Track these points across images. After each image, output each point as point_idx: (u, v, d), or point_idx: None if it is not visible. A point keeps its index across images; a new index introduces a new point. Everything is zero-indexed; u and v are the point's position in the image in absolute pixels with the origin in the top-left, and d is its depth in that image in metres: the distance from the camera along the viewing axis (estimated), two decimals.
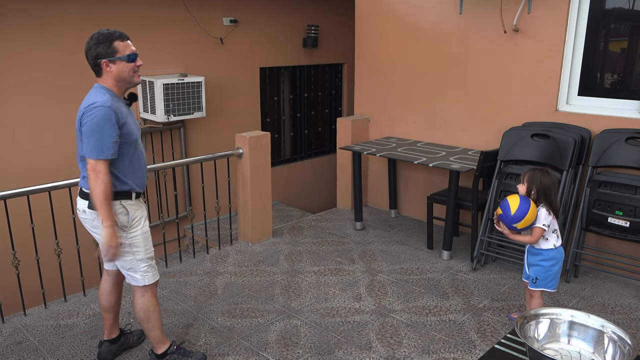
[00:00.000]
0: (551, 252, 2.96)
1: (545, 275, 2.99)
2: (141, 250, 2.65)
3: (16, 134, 4.95)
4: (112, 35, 2.50)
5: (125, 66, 2.53)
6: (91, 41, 2.49)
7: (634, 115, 3.84)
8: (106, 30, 2.51)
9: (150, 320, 2.77)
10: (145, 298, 2.73)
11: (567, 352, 1.89)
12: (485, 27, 4.42)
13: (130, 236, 2.61)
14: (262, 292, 3.79)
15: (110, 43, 2.48)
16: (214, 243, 4.94)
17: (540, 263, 2.99)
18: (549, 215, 2.88)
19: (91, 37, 2.50)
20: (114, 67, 2.50)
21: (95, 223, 2.58)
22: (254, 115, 6.86)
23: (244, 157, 4.51)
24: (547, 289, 3.03)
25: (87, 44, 2.50)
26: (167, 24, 5.75)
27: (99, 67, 2.51)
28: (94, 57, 2.49)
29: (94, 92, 2.50)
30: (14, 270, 3.41)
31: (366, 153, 4.64)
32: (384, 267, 4.18)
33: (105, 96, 2.46)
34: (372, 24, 5.27)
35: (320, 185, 7.93)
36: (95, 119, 2.40)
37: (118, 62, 2.50)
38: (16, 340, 3.19)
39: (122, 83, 2.57)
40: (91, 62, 2.51)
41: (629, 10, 3.94)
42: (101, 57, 2.48)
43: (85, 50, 2.51)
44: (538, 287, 3.03)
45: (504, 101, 4.44)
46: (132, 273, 2.69)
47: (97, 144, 2.41)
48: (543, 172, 2.92)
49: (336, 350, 3.07)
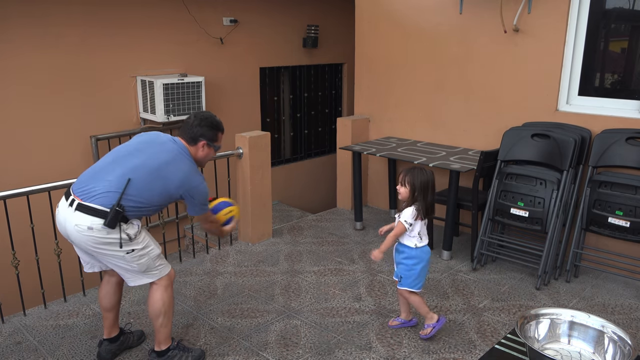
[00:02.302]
0: (413, 250, 2.98)
1: (408, 274, 3.01)
2: (154, 247, 2.72)
3: (17, 134, 4.95)
4: (219, 127, 2.89)
5: (212, 153, 2.90)
6: (204, 121, 2.81)
7: (634, 115, 3.84)
8: (218, 120, 2.90)
9: (168, 315, 2.79)
10: (167, 292, 2.78)
11: (568, 352, 1.90)
12: (485, 27, 4.42)
13: (140, 239, 2.65)
14: (262, 292, 3.79)
15: (217, 132, 2.87)
16: (214, 243, 4.94)
17: (403, 261, 3.03)
18: (414, 215, 2.91)
19: (205, 118, 2.83)
20: (207, 150, 2.84)
21: (103, 240, 2.53)
22: (254, 115, 6.86)
23: (244, 157, 4.51)
24: (411, 289, 3.04)
25: (200, 121, 2.80)
26: (167, 24, 5.75)
27: (195, 142, 2.80)
28: (199, 135, 2.79)
29: (192, 166, 2.76)
30: (14, 270, 3.41)
31: (366, 153, 4.63)
32: (384, 267, 4.18)
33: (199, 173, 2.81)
34: (372, 24, 5.27)
35: (320, 185, 7.93)
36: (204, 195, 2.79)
37: (211, 147, 2.87)
38: (16, 340, 3.19)
39: (200, 162, 2.87)
40: (193, 134, 2.79)
41: (629, 10, 3.94)
42: (205, 138, 2.80)
43: (193, 122, 2.80)
44: (403, 286, 3.06)
45: (504, 101, 4.44)
46: (148, 272, 2.71)
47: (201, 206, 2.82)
48: (421, 171, 2.94)
49: (336, 350, 3.07)
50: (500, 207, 3.96)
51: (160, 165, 2.63)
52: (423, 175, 2.92)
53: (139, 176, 2.58)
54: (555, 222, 3.78)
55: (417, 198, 2.92)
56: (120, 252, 2.59)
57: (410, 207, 2.93)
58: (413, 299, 3.08)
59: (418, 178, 2.91)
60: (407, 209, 2.94)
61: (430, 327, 3.11)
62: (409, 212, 2.93)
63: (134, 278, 2.72)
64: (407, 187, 2.94)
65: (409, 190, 2.93)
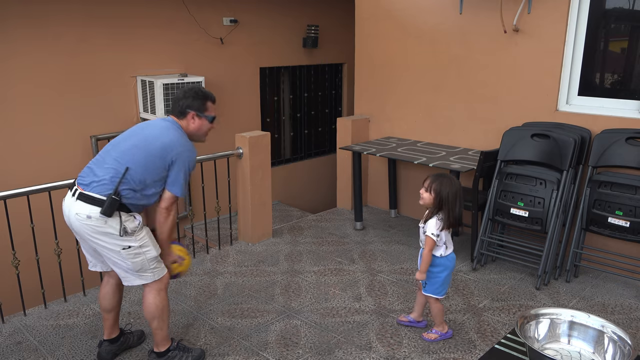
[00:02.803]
0: (438, 259, 2.98)
1: (432, 281, 3.01)
2: (151, 248, 2.70)
3: (17, 135, 4.95)
4: (208, 96, 2.81)
5: (206, 125, 2.83)
6: (189, 92, 2.77)
7: (634, 115, 3.84)
8: (205, 89, 2.82)
9: (163, 318, 2.79)
10: (161, 296, 2.76)
11: (567, 352, 1.90)
12: (485, 27, 4.42)
13: (139, 237, 2.64)
14: (262, 292, 3.79)
15: (205, 102, 2.79)
16: (214, 243, 4.94)
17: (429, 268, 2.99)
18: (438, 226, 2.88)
19: (190, 89, 2.79)
20: (198, 121, 2.78)
21: (100, 229, 2.55)
22: (254, 115, 6.86)
23: (244, 157, 4.51)
24: (435, 295, 3.04)
25: (185, 92, 2.76)
26: (167, 24, 5.76)
27: (184, 115, 2.76)
28: (186, 106, 2.74)
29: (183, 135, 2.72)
30: (14, 270, 3.41)
31: (366, 153, 4.64)
32: (384, 267, 4.18)
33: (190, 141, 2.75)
34: (372, 24, 5.27)
35: (320, 185, 7.93)
36: (192, 163, 2.72)
37: (203, 118, 2.79)
38: (16, 340, 3.19)
39: (194, 136, 2.82)
40: (180, 107, 2.75)
41: (629, 10, 3.94)
42: (192, 109, 2.75)
43: (178, 96, 2.77)
44: (427, 293, 3.05)
45: (504, 101, 4.44)
46: (142, 273, 2.70)
47: (183, 183, 2.70)
48: (450, 181, 2.87)
49: (336, 350, 3.07)
50: (500, 207, 3.97)
51: (148, 139, 2.65)
52: (452, 186, 2.84)
53: (131, 156, 2.60)
54: (555, 222, 3.78)
55: (442, 208, 2.87)
56: (116, 247, 2.60)
57: (434, 219, 2.89)
58: (436, 305, 3.08)
59: (446, 189, 2.83)
60: (431, 221, 2.89)
61: (437, 335, 3.13)
62: (433, 224, 2.88)
63: (128, 277, 2.72)
64: (431, 194, 2.88)
65: (433, 197, 2.87)
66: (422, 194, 2.94)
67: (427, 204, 2.94)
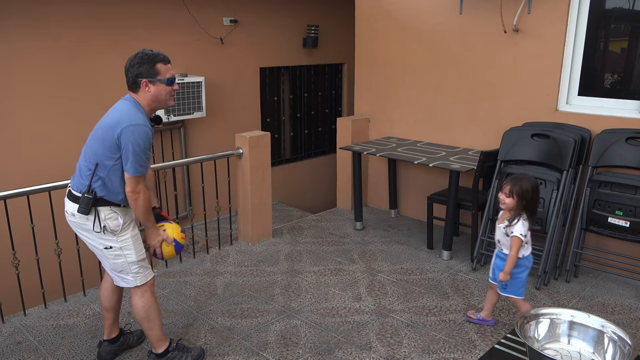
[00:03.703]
0: (520, 260, 3.00)
1: (514, 282, 3.02)
2: (132, 252, 2.67)
3: (17, 135, 4.95)
4: (156, 57, 2.56)
5: (163, 89, 2.59)
6: (134, 59, 2.54)
7: (634, 115, 3.84)
8: (150, 51, 2.57)
9: (150, 319, 2.77)
10: (145, 297, 2.74)
11: (567, 352, 1.90)
12: (485, 27, 4.42)
13: (120, 239, 2.63)
14: (262, 292, 3.79)
15: (154, 64, 2.54)
16: (214, 243, 4.94)
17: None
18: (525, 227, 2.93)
19: (135, 56, 2.55)
20: (153, 88, 2.56)
21: (84, 226, 2.60)
22: (254, 115, 6.86)
23: (244, 157, 4.51)
24: (516, 296, 3.06)
25: (130, 61, 2.55)
26: (167, 24, 5.76)
27: (137, 85, 2.56)
28: (135, 75, 2.54)
29: (131, 108, 2.53)
30: (14, 270, 3.41)
31: (366, 153, 4.64)
32: (384, 267, 4.18)
33: (142, 115, 2.54)
34: (372, 24, 5.27)
35: (320, 185, 7.93)
36: (141, 140, 2.48)
37: (158, 83, 2.56)
38: (16, 340, 3.19)
39: (156, 104, 2.62)
40: (131, 78, 2.56)
41: (629, 10, 3.94)
42: (142, 76, 2.53)
43: (126, 67, 2.56)
44: (508, 294, 3.07)
45: (504, 101, 4.44)
46: (123, 275, 2.70)
47: (139, 163, 2.50)
48: (527, 180, 2.91)
49: (336, 350, 3.07)
50: None
51: (99, 126, 2.55)
52: (529, 184, 2.90)
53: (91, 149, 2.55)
54: (555, 222, 3.78)
55: (526, 208, 2.91)
56: (99, 245, 2.62)
57: (520, 220, 2.92)
58: (521, 304, 3.09)
59: (527, 190, 2.88)
60: (519, 223, 2.92)
61: (479, 318, 3.26)
62: (520, 225, 2.92)
63: (113, 277, 2.75)
64: (514, 198, 2.90)
65: (516, 201, 2.90)
66: (503, 199, 2.95)
67: (509, 208, 2.96)
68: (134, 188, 2.52)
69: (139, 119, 2.50)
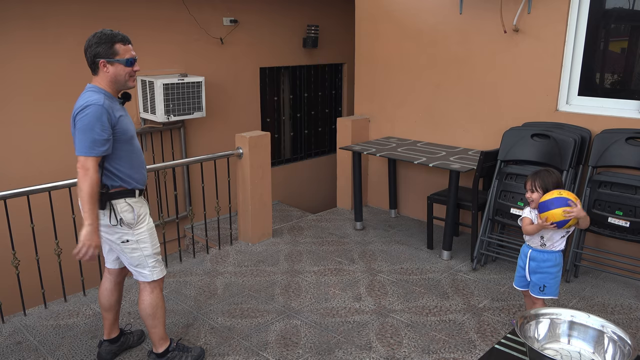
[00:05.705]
0: (559, 257, 2.88)
1: (552, 282, 2.89)
2: (148, 246, 2.69)
3: (17, 135, 4.95)
4: (114, 37, 2.51)
5: (122, 69, 2.54)
6: (93, 39, 2.50)
7: (634, 115, 3.84)
8: (109, 31, 2.53)
9: (157, 316, 2.78)
10: (154, 294, 2.76)
11: (567, 352, 1.89)
12: (485, 27, 4.42)
13: (137, 233, 2.64)
14: (262, 292, 3.79)
15: (112, 44, 2.50)
16: (214, 243, 4.94)
17: (548, 270, 2.87)
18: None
19: (93, 35, 2.51)
20: (111, 69, 2.52)
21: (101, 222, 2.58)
22: (254, 115, 6.86)
23: (244, 157, 4.51)
24: (553, 297, 2.91)
25: (89, 41, 2.51)
26: (167, 24, 5.75)
27: (96, 66, 2.52)
28: (92, 55, 2.50)
29: (87, 92, 2.53)
30: (14, 270, 3.41)
31: (366, 153, 4.64)
32: (384, 267, 4.18)
33: (98, 95, 2.49)
34: (372, 24, 5.27)
35: (320, 185, 7.93)
36: (87, 117, 2.42)
37: (116, 64, 2.52)
38: (16, 340, 3.19)
39: (117, 85, 2.58)
40: (89, 59, 2.52)
41: (629, 10, 3.94)
42: (100, 56, 2.50)
43: (85, 47, 2.52)
44: (546, 296, 2.90)
45: (504, 101, 4.44)
46: (140, 269, 2.70)
47: (87, 142, 2.42)
48: (548, 172, 2.81)
49: (336, 350, 3.07)
50: (500, 207, 3.96)
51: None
52: (552, 176, 2.79)
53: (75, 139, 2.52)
54: None
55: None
56: (117, 240, 2.62)
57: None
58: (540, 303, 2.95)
59: (549, 180, 2.78)
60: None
61: None
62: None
63: (132, 270, 2.74)
64: (539, 192, 2.79)
65: (542, 194, 2.78)
66: (530, 197, 2.83)
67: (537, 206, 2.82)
68: (82, 164, 2.42)
69: (93, 99, 2.44)
